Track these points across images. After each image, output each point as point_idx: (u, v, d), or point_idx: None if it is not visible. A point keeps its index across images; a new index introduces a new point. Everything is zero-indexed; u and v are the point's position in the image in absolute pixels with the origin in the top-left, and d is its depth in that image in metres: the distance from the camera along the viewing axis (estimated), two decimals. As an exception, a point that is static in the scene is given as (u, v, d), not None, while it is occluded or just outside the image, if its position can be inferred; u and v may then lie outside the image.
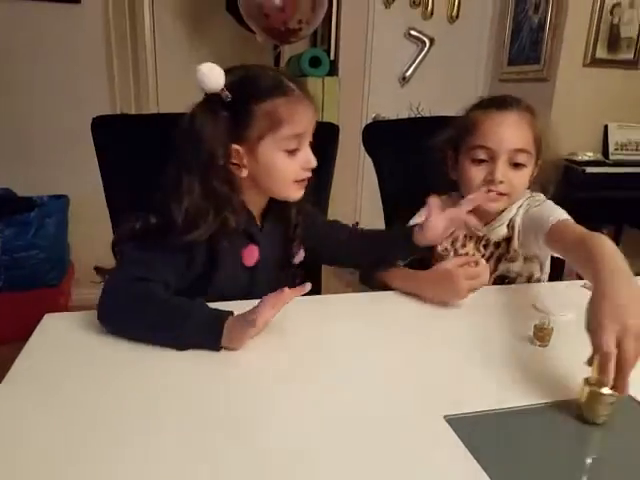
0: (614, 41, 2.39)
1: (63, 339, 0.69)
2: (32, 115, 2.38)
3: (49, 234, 2.04)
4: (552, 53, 2.47)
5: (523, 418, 0.57)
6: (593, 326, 0.56)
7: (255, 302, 0.69)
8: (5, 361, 0.63)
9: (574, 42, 2.42)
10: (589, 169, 2.30)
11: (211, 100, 0.74)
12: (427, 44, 2.91)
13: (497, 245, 0.98)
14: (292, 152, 0.77)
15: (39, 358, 0.65)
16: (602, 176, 2.34)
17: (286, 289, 0.68)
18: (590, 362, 0.56)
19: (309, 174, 0.81)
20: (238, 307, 0.69)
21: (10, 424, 0.52)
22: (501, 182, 0.91)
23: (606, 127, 2.60)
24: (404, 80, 2.95)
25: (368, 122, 1.36)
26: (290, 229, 0.90)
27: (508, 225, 0.97)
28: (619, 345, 0.53)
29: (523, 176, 0.93)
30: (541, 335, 0.71)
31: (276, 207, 0.88)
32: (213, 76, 0.71)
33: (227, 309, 0.69)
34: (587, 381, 0.56)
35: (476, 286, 0.82)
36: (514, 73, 2.76)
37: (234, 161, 0.77)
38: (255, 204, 0.85)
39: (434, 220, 0.83)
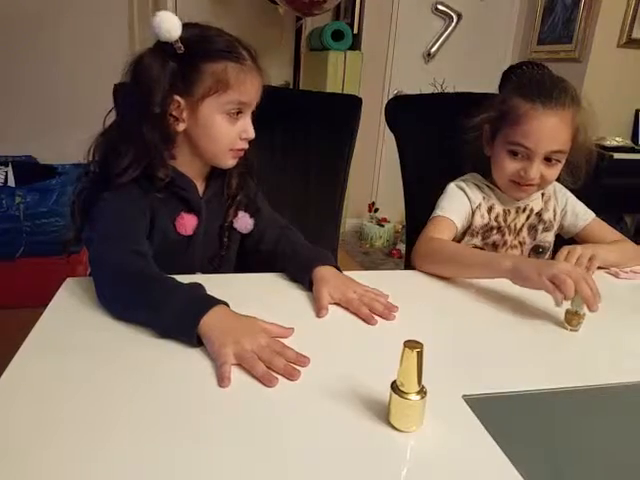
0: (653, 21, 2.29)
1: (85, 303, 0.70)
2: (54, 83, 2.38)
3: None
4: (585, 32, 2.37)
5: (544, 401, 0.56)
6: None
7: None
8: (26, 325, 0.64)
9: (610, 20, 2.31)
10: (617, 155, 2.24)
11: (163, 48, 0.74)
12: (454, 19, 2.82)
13: (527, 217, 1.04)
14: (233, 118, 0.77)
15: (60, 321, 0.66)
16: (630, 163, 2.28)
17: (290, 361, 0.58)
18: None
19: (245, 145, 0.80)
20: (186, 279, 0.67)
21: (31, 387, 0.53)
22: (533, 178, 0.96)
23: (637, 112, 2.51)
24: (429, 56, 2.88)
25: (390, 98, 1.33)
26: (230, 195, 0.88)
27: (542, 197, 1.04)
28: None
29: (555, 171, 0.96)
30: (572, 320, 0.70)
31: (217, 177, 0.86)
32: (170, 25, 0.71)
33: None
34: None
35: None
36: (544, 52, 2.67)
37: (173, 113, 0.76)
38: (194, 171, 0.82)
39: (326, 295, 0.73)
